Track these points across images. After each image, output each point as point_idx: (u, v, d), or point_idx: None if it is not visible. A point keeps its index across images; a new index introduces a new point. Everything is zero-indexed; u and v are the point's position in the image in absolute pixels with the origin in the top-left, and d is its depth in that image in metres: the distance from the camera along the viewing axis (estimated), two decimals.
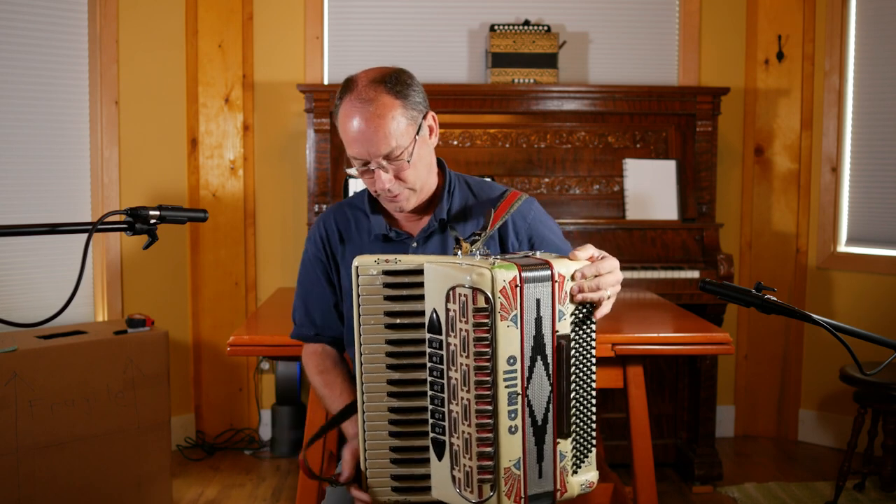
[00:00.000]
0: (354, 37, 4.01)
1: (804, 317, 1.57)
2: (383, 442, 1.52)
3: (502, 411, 1.41)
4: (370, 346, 1.51)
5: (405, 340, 1.49)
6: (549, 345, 1.45)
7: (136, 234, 1.54)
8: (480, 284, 1.38)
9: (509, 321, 1.40)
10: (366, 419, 1.52)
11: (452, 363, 1.43)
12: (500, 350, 1.40)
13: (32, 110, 3.46)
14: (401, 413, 1.50)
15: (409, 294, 1.49)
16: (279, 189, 4.02)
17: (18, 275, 3.43)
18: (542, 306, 1.44)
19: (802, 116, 4.04)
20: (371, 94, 1.69)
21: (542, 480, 1.47)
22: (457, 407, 1.43)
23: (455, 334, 1.42)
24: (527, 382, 1.43)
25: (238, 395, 4.03)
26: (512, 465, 1.42)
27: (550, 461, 1.47)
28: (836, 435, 3.98)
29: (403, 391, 1.50)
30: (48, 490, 2.87)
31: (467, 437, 1.42)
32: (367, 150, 1.68)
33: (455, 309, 1.41)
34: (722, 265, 3.50)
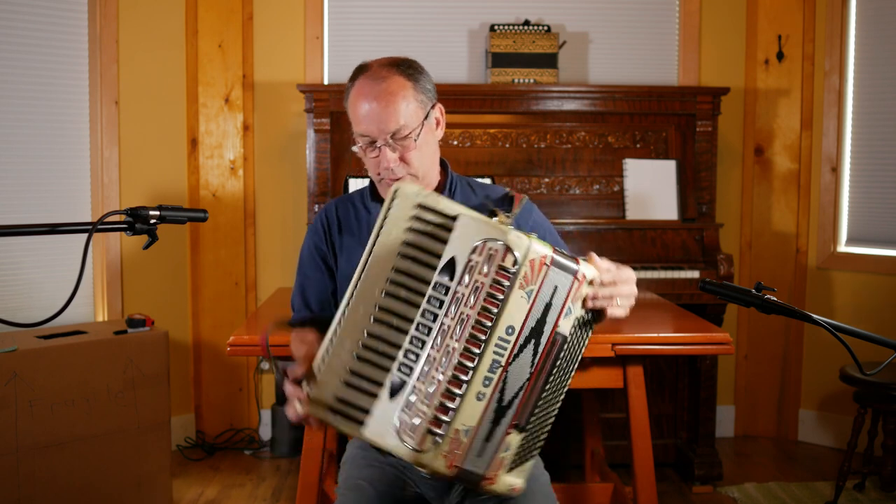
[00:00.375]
0: (354, 37, 4.01)
1: (804, 317, 1.57)
2: (344, 359, 1.46)
3: (480, 374, 1.39)
4: (375, 267, 1.46)
5: (411, 274, 1.45)
6: (546, 335, 1.45)
7: (136, 234, 1.54)
8: (515, 246, 1.39)
9: (524, 293, 1.40)
10: (339, 329, 1.47)
11: (451, 310, 1.40)
12: (505, 315, 1.39)
13: (32, 110, 3.46)
14: (374, 339, 1.45)
15: (434, 233, 1.45)
16: (279, 189, 4.02)
17: (18, 275, 3.43)
18: (557, 296, 1.44)
19: (802, 116, 4.04)
20: (384, 74, 1.73)
21: (479, 460, 1.45)
22: (437, 353, 1.40)
23: (468, 284, 1.40)
24: (512, 359, 1.42)
25: (238, 395, 4.04)
26: (463, 430, 1.41)
27: (495, 446, 1.45)
28: (836, 435, 3.98)
29: (386, 320, 1.45)
30: (48, 490, 2.87)
31: (435, 385, 1.39)
32: (376, 127, 1.70)
33: (478, 260, 1.40)
34: (722, 265, 3.50)
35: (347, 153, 3.71)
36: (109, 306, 3.67)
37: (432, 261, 1.44)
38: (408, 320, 1.45)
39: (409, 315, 1.45)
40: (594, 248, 3.59)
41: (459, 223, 1.44)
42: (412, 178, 1.77)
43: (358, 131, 1.74)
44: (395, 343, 1.45)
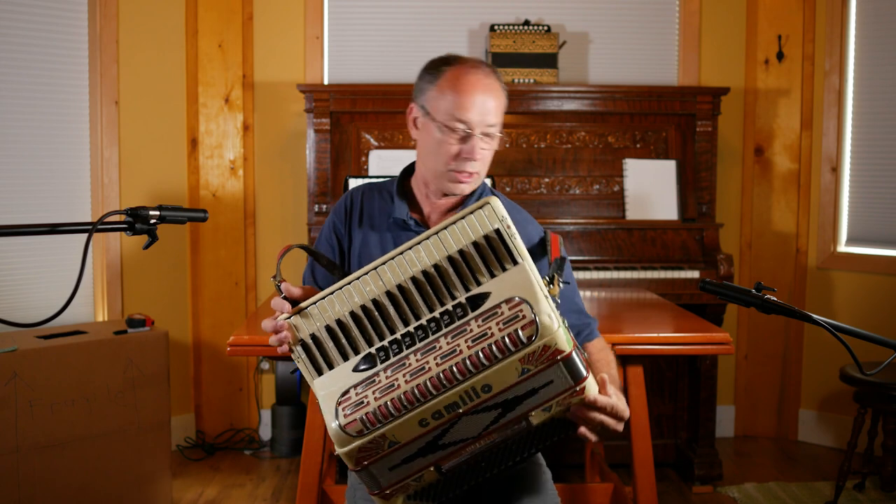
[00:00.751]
0: (354, 37, 4.01)
1: (804, 317, 1.57)
2: (338, 310, 1.46)
3: (435, 405, 1.37)
4: (420, 253, 1.46)
5: (447, 280, 1.45)
6: (515, 414, 1.41)
7: (136, 234, 1.54)
8: (542, 326, 1.35)
9: (520, 368, 1.36)
10: (351, 285, 1.47)
11: (451, 336, 1.39)
12: (490, 374, 1.36)
13: (32, 110, 3.46)
14: (376, 311, 1.45)
15: (490, 261, 1.44)
16: (279, 189, 4.02)
17: (18, 275, 3.43)
18: (546, 389, 1.39)
19: (802, 116, 4.04)
20: (489, 71, 1.77)
21: (388, 473, 1.43)
22: (415, 361, 1.39)
23: (480, 325, 1.38)
24: (471, 412, 1.38)
25: (238, 395, 4.03)
26: (390, 440, 1.38)
27: (409, 471, 1.43)
28: (836, 435, 3.98)
29: (397, 302, 1.45)
30: (48, 490, 2.87)
31: (394, 388, 1.37)
32: (480, 117, 1.73)
33: (504, 313, 1.38)
34: (722, 265, 3.50)
35: (347, 153, 3.71)
36: (109, 306, 3.67)
37: (470, 283, 1.44)
38: (415, 316, 1.45)
39: (418, 313, 1.45)
40: (594, 248, 3.59)
41: (515, 269, 1.43)
42: (476, 176, 1.78)
43: (458, 115, 1.73)
44: (391, 327, 1.45)
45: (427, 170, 1.82)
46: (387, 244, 1.85)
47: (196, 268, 3.95)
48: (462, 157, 1.74)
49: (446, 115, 1.73)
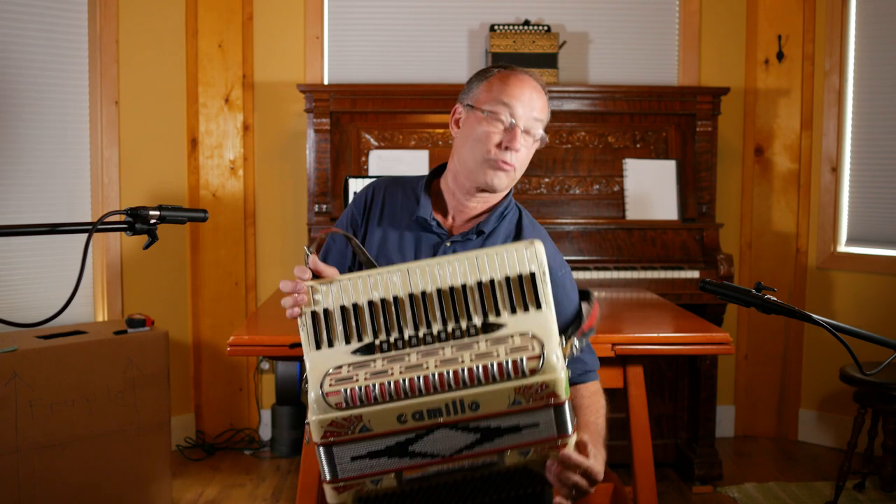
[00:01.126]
0: (354, 37, 4.01)
1: (804, 317, 1.57)
2: (357, 295, 1.48)
3: (421, 404, 1.35)
4: (454, 266, 1.48)
5: (468, 301, 1.47)
6: (491, 446, 1.39)
7: (136, 234, 1.54)
8: (547, 365, 1.35)
9: (512, 398, 1.35)
10: (378, 275, 1.48)
11: (457, 348, 1.40)
12: (482, 392, 1.35)
13: (32, 110, 3.46)
14: (393, 307, 1.47)
15: (517, 297, 1.47)
16: (279, 189, 4.02)
17: (18, 275, 3.43)
18: (529, 430, 1.39)
19: (802, 116, 4.04)
20: (536, 77, 1.82)
21: (349, 464, 1.39)
22: (413, 359, 1.39)
23: (487, 348, 1.39)
24: (451, 426, 1.37)
25: (238, 395, 4.03)
26: (364, 424, 1.36)
27: (369, 469, 1.40)
28: (836, 435, 3.98)
29: (415, 308, 1.47)
30: (48, 490, 2.87)
31: (386, 374, 1.37)
32: (526, 111, 1.76)
33: (514, 344, 1.39)
34: (722, 265, 3.50)
35: (347, 153, 3.71)
36: (109, 306, 3.67)
37: (490, 312, 1.46)
38: (427, 322, 1.46)
39: (431, 322, 1.46)
40: (594, 248, 3.60)
41: (538, 312, 1.45)
42: (513, 171, 1.78)
43: (501, 100, 1.75)
44: (401, 326, 1.46)
45: (463, 163, 1.81)
46: (406, 243, 1.85)
47: (196, 268, 3.95)
48: (503, 145, 1.75)
49: (491, 101, 1.76)
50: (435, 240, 1.85)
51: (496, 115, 1.75)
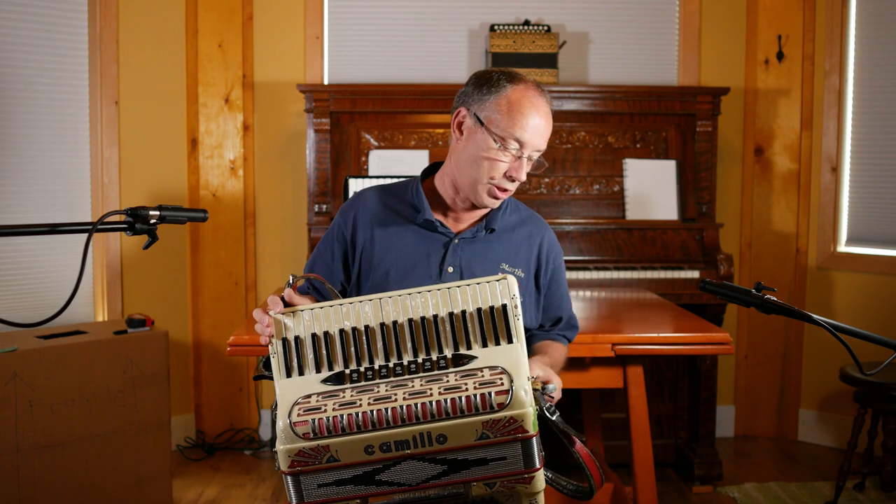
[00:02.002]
0: (354, 37, 4.01)
1: (804, 317, 1.57)
2: (328, 323, 1.49)
3: (388, 436, 1.35)
4: (423, 299, 1.50)
5: (439, 332, 1.48)
6: (457, 475, 1.40)
7: (136, 234, 1.54)
8: (516, 399, 1.36)
9: (480, 431, 1.36)
10: (350, 305, 1.50)
11: (426, 380, 1.40)
12: (449, 426, 1.35)
13: (33, 110, 3.46)
14: (365, 337, 1.48)
15: (488, 329, 1.48)
16: (279, 189, 4.02)
17: (18, 275, 3.43)
18: (495, 464, 1.39)
19: (802, 116, 4.04)
20: (547, 98, 1.81)
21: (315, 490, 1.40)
22: (383, 390, 1.39)
23: (457, 380, 1.39)
24: (418, 458, 1.37)
25: (238, 395, 4.03)
26: (331, 454, 1.37)
27: (326, 497, 1.40)
28: (836, 435, 3.98)
29: (386, 338, 1.48)
30: (48, 490, 2.87)
31: (354, 405, 1.37)
32: (535, 140, 1.77)
33: (483, 377, 1.39)
34: (722, 265, 3.50)
35: (347, 153, 3.71)
36: (109, 306, 3.67)
37: (461, 344, 1.48)
38: (398, 352, 1.48)
39: (402, 352, 1.48)
40: (594, 248, 3.60)
41: (508, 346, 1.46)
42: (508, 194, 1.83)
43: (514, 135, 1.75)
44: (371, 356, 1.48)
45: (462, 176, 1.83)
46: (415, 245, 1.86)
47: (196, 268, 3.95)
48: (507, 175, 1.77)
49: (505, 131, 1.75)
50: (443, 239, 1.86)
51: (507, 145, 1.76)
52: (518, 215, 1.94)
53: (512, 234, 1.90)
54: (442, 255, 1.84)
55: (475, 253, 1.86)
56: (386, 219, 1.89)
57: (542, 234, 1.93)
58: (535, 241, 1.91)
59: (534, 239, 1.91)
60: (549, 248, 1.93)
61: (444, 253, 1.84)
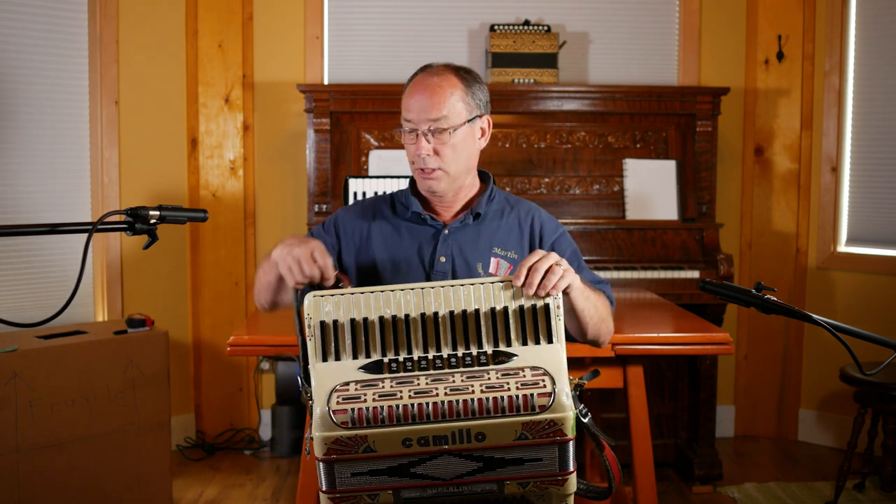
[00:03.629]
0: (354, 37, 4.01)
1: (804, 317, 1.57)
2: (370, 310, 1.48)
3: (427, 430, 1.35)
4: (466, 292, 1.50)
5: (479, 327, 1.48)
6: (492, 473, 1.39)
7: (136, 234, 1.54)
8: (558, 402, 1.36)
9: (521, 431, 1.36)
10: (392, 292, 1.50)
11: (466, 377, 1.40)
12: (490, 425, 1.35)
13: (33, 110, 3.46)
14: (405, 325, 1.47)
15: (524, 331, 1.49)
16: (279, 189, 4.02)
17: (18, 275, 3.43)
18: (531, 464, 1.39)
19: (802, 116, 4.04)
20: (440, 71, 1.83)
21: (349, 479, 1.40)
22: (423, 384, 1.38)
23: (497, 379, 1.39)
24: (454, 454, 1.37)
25: (238, 395, 4.03)
26: (368, 445, 1.35)
27: (368, 484, 1.39)
28: (836, 435, 3.98)
29: (426, 329, 1.47)
30: (48, 490, 2.87)
31: (395, 397, 1.35)
32: (419, 114, 1.79)
33: (525, 378, 1.39)
34: (722, 265, 3.50)
35: (347, 153, 3.71)
36: (109, 306, 3.66)
37: (501, 341, 1.47)
38: (437, 344, 1.47)
39: (444, 342, 1.47)
40: (594, 248, 3.60)
41: (549, 346, 1.46)
42: (442, 173, 1.82)
43: (404, 117, 1.82)
44: (409, 346, 1.47)
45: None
46: (405, 237, 1.88)
47: (196, 268, 3.95)
48: (416, 154, 1.81)
49: (402, 117, 1.83)
50: (432, 231, 1.89)
51: (404, 129, 1.82)
52: (507, 202, 1.96)
53: (501, 219, 1.91)
54: (433, 246, 1.86)
55: (466, 240, 1.87)
56: (370, 221, 1.92)
57: (533, 214, 1.94)
58: (527, 223, 1.92)
59: (524, 221, 1.92)
60: (543, 225, 1.93)
61: (435, 244, 1.86)
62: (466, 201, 1.92)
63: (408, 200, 1.91)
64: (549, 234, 1.93)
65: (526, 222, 1.92)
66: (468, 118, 1.82)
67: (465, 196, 1.92)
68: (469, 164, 1.87)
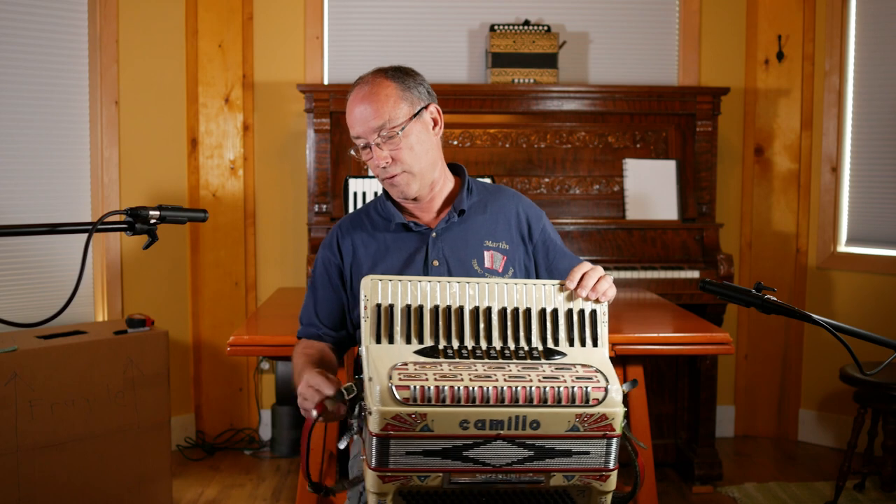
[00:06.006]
0: (354, 37, 4.01)
1: (804, 317, 1.57)
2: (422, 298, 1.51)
3: (485, 413, 1.36)
4: (519, 291, 1.54)
5: (528, 325, 1.53)
6: (541, 463, 1.41)
7: (136, 234, 1.54)
8: (611, 398, 1.41)
9: (574, 422, 1.39)
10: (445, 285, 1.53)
11: (521, 368, 1.43)
12: (545, 414, 1.38)
13: (33, 110, 3.46)
14: (458, 315, 1.51)
15: (570, 333, 1.54)
16: (279, 189, 4.02)
17: (18, 275, 3.43)
18: (579, 457, 1.43)
19: (802, 116, 4.04)
20: (370, 79, 1.83)
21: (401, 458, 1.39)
22: (482, 370, 1.41)
23: (553, 371, 1.43)
24: (509, 439, 1.38)
25: (238, 395, 4.03)
26: (425, 423, 1.36)
27: (410, 465, 1.39)
28: (836, 435, 3.98)
29: (477, 320, 1.51)
30: (48, 490, 2.87)
31: (456, 378, 1.37)
32: (363, 127, 1.79)
33: (578, 371, 1.44)
34: (722, 265, 3.50)
35: (347, 153, 3.71)
36: (109, 306, 3.66)
37: (552, 338, 1.53)
38: (489, 337, 1.50)
39: (497, 335, 1.50)
40: (594, 248, 3.59)
41: (594, 349, 1.53)
42: (408, 175, 1.81)
43: (352, 135, 1.82)
44: (463, 334, 1.50)
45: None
46: (394, 248, 1.88)
47: (196, 268, 3.95)
48: (377, 165, 1.81)
49: (351, 134, 1.83)
50: (421, 236, 1.89)
51: (358, 147, 1.83)
52: (486, 193, 1.96)
53: (485, 212, 1.92)
54: (424, 252, 1.86)
55: (456, 239, 1.88)
56: (366, 237, 1.91)
57: (517, 202, 1.96)
58: (512, 211, 1.93)
59: (509, 209, 1.93)
60: (528, 213, 1.95)
61: (425, 248, 1.87)
62: (445, 199, 1.92)
63: (387, 211, 1.91)
64: (536, 220, 1.96)
65: (511, 211, 1.94)
66: (412, 113, 1.81)
67: (442, 194, 1.91)
68: (432, 159, 1.86)
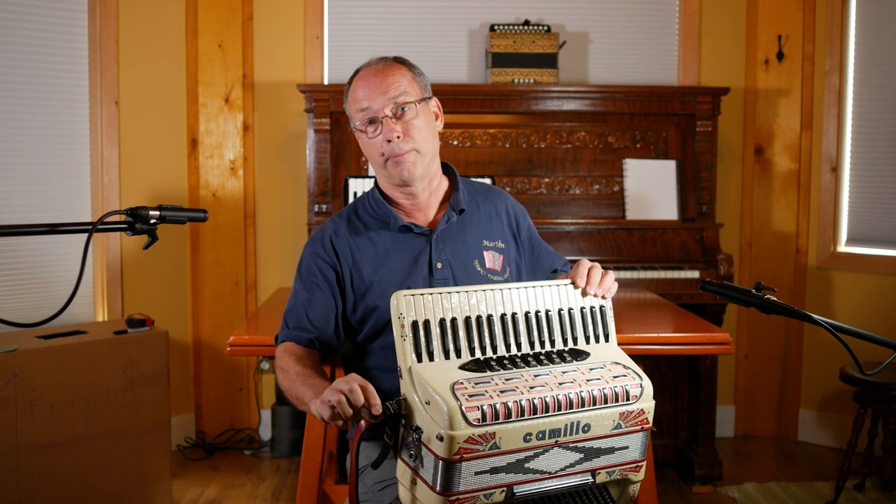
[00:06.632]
0: (354, 37, 4.01)
1: (804, 317, 1.57)
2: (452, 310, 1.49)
3: (545, 424, 1.39)
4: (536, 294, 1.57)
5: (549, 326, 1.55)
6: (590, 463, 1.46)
7: (136, 234, 1.54)
8: (646, 393, 1.47)
9: (617, 420, 1.44)
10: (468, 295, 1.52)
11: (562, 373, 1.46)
12: (594, 415, 1.42)
13: (33, 110, 3.46)
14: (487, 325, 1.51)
15: (585, 330, 1.58)
16: (279, 189, 4.02)
17: (18, 275, 3.43)
18: (620, 452, 1.47)
19: (802, 116, 4.04)
20: (379, 61, 1.84)
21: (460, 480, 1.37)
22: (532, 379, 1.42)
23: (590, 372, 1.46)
24: (564, 445, 1.41)
25: (238, 395, 4.03)
26: (494, 441, 1.35)
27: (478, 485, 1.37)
28: (836, 435, 3.98)
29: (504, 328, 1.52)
30: (48, 490, 2.87)
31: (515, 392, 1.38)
32: (376, 99, 1.77)
33: (611, 370, 1.48)
34: (722, 265, 3.50)
35: (347, 153, 3.72)
36: (109, 306, 3.66)
37: (571, 337, 1.57)
38: (518, 344, 1.51)
39: (520, 343, 1.52)
40: (594, 248, 3.59)
41: (608, 344, 1.58)
42: (416, 154, 1.79)
43: (358, 108, 1.79)
44: (494, 345, 1.50)
45: (379, 175, 1.87)
46: (398, 252, 1.84)
47: (196, 268, 3.95)
48: (386, 141, 1.77)
49: (353, 115, 1.81)
50: (422, 238, 1.86)
51: (364, 124, 1.79)
52: (475, 191, 1.96)
53: (479, 211, 1.92)
54: (428, 255, 1.84)
55: (456, 240, 1.86)
56: (362, 239, 1.86)
57: (504, 201, 1.98)
58: (502, 210, 1.95)
59: (500, 208, 1.95)
60: (515, 211, 1.98)
61: (430, 250, 1.85)
62: (441, 199, 1.90)
63: (383, 212, 1.86)
64: (522, 217, 1.98)
65: (501, 210, 1.95)
66: (423, 96, 1.82)
67: (438, 192, 1.90)
68: (435, 148, 1.86)
